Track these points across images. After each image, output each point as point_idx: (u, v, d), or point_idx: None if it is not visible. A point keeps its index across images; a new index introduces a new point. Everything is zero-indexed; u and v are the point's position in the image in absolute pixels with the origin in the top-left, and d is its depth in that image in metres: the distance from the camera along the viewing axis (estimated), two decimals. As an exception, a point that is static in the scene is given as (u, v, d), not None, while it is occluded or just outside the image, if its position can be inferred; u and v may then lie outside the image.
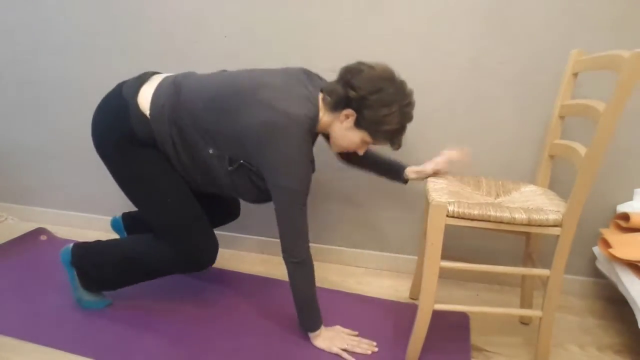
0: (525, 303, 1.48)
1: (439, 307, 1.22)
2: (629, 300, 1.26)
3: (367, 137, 1.23)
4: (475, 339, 1.40)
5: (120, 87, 1.30)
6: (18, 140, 2.03)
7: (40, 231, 2.01)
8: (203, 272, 1.71)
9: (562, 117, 1.35)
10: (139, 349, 1.31)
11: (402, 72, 1.22)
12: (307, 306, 1.31)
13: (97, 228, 2.01)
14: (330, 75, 1.29)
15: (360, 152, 1.30)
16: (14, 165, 2.09)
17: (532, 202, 1.22)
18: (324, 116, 1.24)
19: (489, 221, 1.12)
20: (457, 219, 1.13)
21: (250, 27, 1.63)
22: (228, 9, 1.63)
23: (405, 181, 1.45)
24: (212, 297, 1.58)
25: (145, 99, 1.25)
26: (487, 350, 1.36)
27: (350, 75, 1.18)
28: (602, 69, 1.13)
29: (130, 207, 1.77)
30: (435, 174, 1.41)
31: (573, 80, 1.33)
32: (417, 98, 1.53)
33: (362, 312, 1.52)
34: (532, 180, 1.44)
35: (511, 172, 1.56)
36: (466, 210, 1.12)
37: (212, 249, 1.37)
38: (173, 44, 1.71)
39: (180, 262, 1.35)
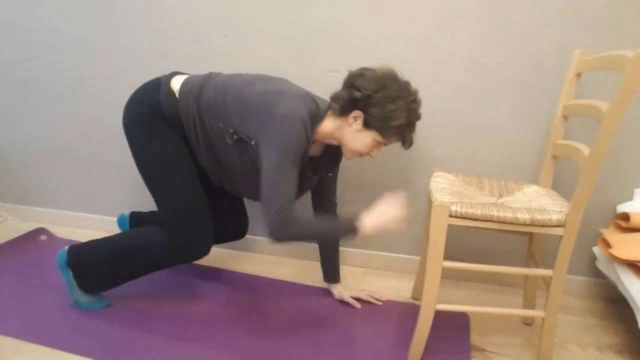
0: (529, 303, 1.48)
1: (442, 307, 1.22)
2: (629, 300, 1.27)
3: (378, 137, 1.24)
4: (476, 339, 1.41)
5: (158, 77, 1.39)
6: (18, 140, 2.02)
7: (40, 231, 2.00)
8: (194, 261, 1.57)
9: (565, 117, 1.35)
10: (139, 349, 1.31)
11: (403, 73, 1.23)
12: (329, 233, 1.35)
13: (97, 228, 2.00)
14: (330, 75, 1.29)
15: (374, 156, 1.29)
16: (14, 165, 2.08)
17: (535, 203, 1.22)
18: (331, 122, 1.27)
19: (492, 221, 1.12)
20: (459, 219, 1.14)
21: (250, 27, 1.63)
22: (228, 9, 1.63)
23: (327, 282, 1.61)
24: (213, 297, 1.57)
25: (178, 81, 1.34)
26: (487, 351, 1.36)
27: (354, 78, 1.22)
28: (606, 69, 1.14)
29: (132, 207, 1.78)
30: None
31: (576, 81, 1.33)
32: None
33: (363, 313, 1.52)
34: (535, 181, 1.45)
35: (513, 172, 1.56)
36: (469, 210, 1.12)
37: (207, 240, 1.38)
38: (173, 44, 1.71)
39: (173, 250, 1.36)
